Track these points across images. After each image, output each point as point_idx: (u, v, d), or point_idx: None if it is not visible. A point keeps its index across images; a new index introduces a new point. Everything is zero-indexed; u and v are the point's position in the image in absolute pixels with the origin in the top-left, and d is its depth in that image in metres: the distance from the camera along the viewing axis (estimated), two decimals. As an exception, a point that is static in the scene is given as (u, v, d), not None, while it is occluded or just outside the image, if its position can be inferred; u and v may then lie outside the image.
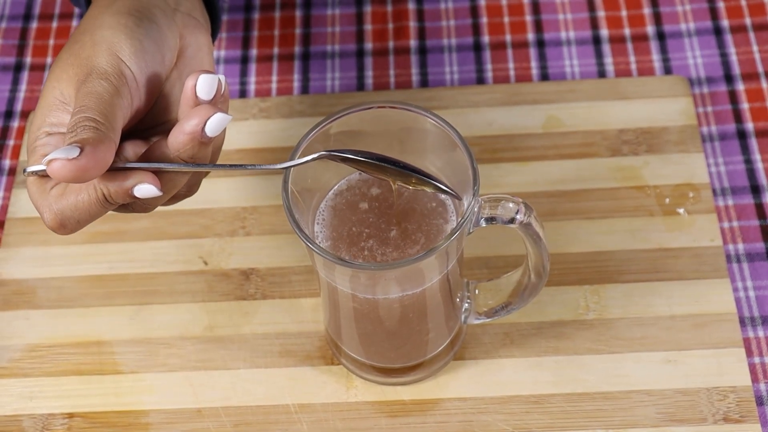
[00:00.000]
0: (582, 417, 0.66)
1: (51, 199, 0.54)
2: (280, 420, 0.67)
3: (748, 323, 0.69)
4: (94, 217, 0.55)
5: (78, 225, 0.55)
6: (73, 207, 0.54)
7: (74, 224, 0.55)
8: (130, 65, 0.55)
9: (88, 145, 0.51)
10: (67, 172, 0.50)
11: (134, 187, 0.53)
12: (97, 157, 0.51)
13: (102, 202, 0.54)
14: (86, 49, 0.55)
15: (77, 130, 0.51)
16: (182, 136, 0.53)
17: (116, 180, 0.53)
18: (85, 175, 0.51)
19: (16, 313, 0.72)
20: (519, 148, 0.76)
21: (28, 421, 0.68)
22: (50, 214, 0.54)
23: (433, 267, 0.58)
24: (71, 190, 0.54)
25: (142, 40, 0.56)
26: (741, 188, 0.75)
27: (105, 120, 0.52)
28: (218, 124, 0.53)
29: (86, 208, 0.54)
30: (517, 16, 0.84)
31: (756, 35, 0.82)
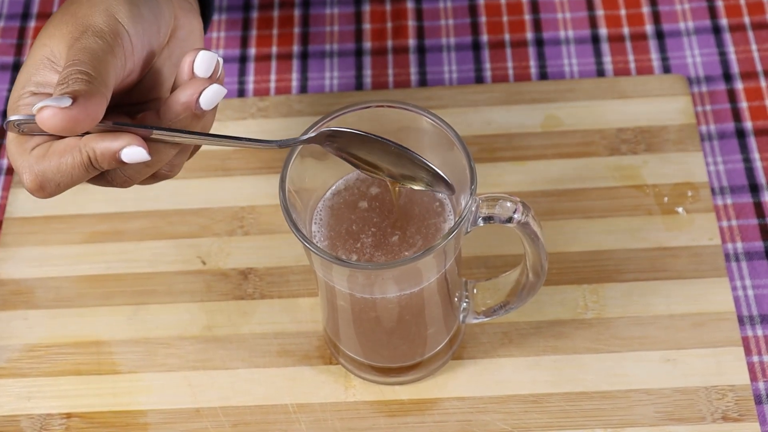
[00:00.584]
0: (581, 416, 0.66)
1: (32, 160, 0.53)
2: (279, 420, 0.67)
3: (747, 322, 0.69)
4: (76, 181, 0.53)
5: (58, 188, 0.53)
6: (56, 169, 0.53)
7: (54, 187, 0.53)
8: (127, 27, 0.54)
9: (80, 96, 0.50)
10: (58, 121, 0.49)
11: (122, 150, 0.52)
12: (89, 110, 0.50)
13: (86, 165, 0.52)
14: (83, 8, 0.55)
15: (69, 82, 0.50)
16: (176, 106, 0.53)
17: (104, 140, 0.52)
18: (76, 126, 0.50)
19: (14, 313, 0.72)
20: (517, 148, 0.76)
21: (26, 422, 0.68)
22: (30, 175, 0.53)
23: (430, 266, 0.58)
24: (54, 151, 0.53)
25: (140, 6, 0.55)
26: (740, 187, 0.74)
27: (98, 75, 0.51)
28: (213, 96, 0.53)
29: (69, 171, 0.52)
30: (516, 15, 0.84)
31: (755, 34, 0.82)
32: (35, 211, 0.75)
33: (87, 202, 0.76)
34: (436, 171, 0.57)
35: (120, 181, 0.55)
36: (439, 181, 0.58)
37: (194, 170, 0.76)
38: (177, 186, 0.75)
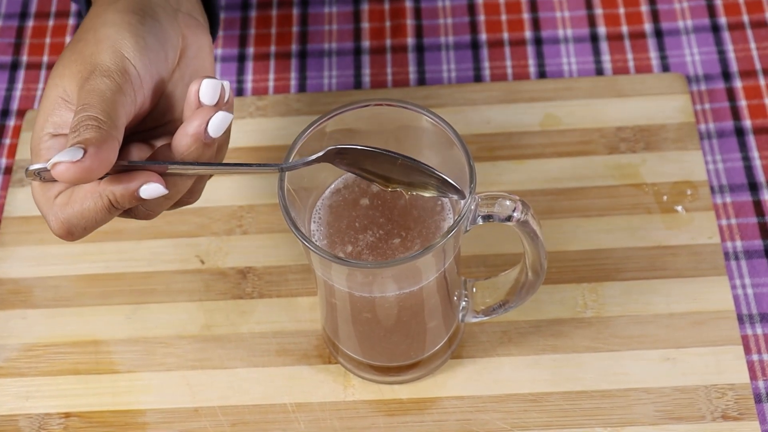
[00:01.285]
0: (580, 415, 0.66)
1: (57, 208, 0.54)
2: (278, 419, 0.66)
3: (746, 321, 0.69)
4: (101, 223, 0.54)
5: (85, 232, 0.55)
6: (79, 215, 0.54)
7: (81, 231, 0.54)
8: (134, 63, 0.55)
9: (91, 146, 0.50)
10: (71, 175, 0.50)
11: (140, 188, 0.53)
12: (101, 157, 0.51)
13: (108, 207, 0.53)
14: (89, 47, 0.55)
15: (80, 130, 0.51)
16: (186, 139, 0.53)
17: (121, 182, 0.53)
18: (90, 175, 0.51)
19: (12, 312, 0.71)
20: (516, 146, 0.76)
21: (25, 421, 0.67)
22: (57, 223, 0.54)
23: (429, 265, 0.58)
24: (76, 198, 0.54)
25: (145, 37, 0.56)
26: (739, 185, 0.74)
27: (108, 118, 0.52)
28: (220, 123, 0.53)
29: (92, 216, 0.54)
30: (515, 13, 0.84)
31: (753, 32, 0.81)
32: (34, 211, 0.75)
33: (85, 201, 0.75)
34: (444, 178, 0.57)
35: (143, 215, 0.56)
36: (449, 187, 0.58)
37: (193, 169, 0.76)
38: (175, 185, 0.75)
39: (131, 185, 0.53)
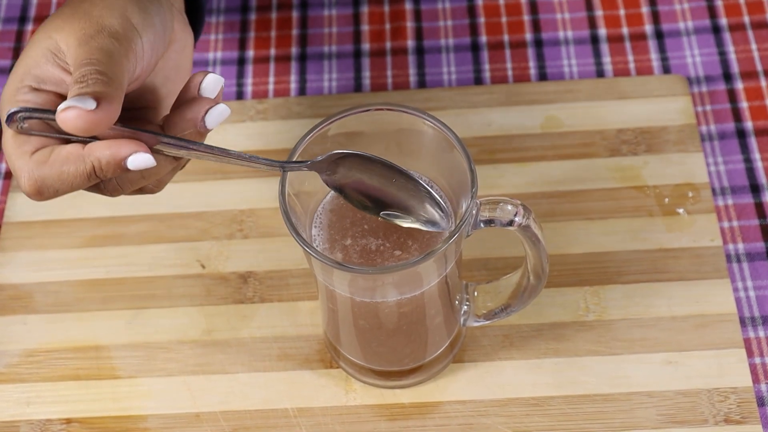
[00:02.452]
0: (582, 419, 0.65)
1: (32, 164, 0.52)
2: (279, 424, 0.66)
3: (749, 323, 0.69)
4: (76, 188, 0.53)
5: (56, 194, 0.53)
6: (56, 177, 0.52)
7: (52, 193, 0.53)
8: (141, 35, 0.54)
9: (103, 99, 0.49)
10: (81, 123, 0.48)
11: (129, 157, 0.51)
12: (110, 113, 0.49)
13: (89, 174, 0.52)
14: (97, 8, 0.53)
15: (88, 82, 0.50)
16: (182, 122, 0.52)
17: (110, 149, 0.51)
18: (96, 129, 0.49)
19: (13, 318, 0.71)
20: (517, 149, 0.76)
21: (26, 427, 0.67)
22: (29, 180, 0.52)
23: (431, 270, 0.58)
24: (56, 159, 0.52)
25: (152, 15, 0.55)
26: (740, 187, 0.74)
27: (114, 77, 0.50)
28: (218, 116, 0.53)
29: (70, 180, 0.52)
30: (515, 15, 0.84)
31: (755, 33, 0.81)
32: (34, 216, 0.75)
33: (86, 206, 0.75)
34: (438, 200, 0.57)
35: (111, 189, 0.55)
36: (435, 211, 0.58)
37: (193, 173, 0.76)
38: (176, 189, 0.75)
39: (120, 152, 0.51)
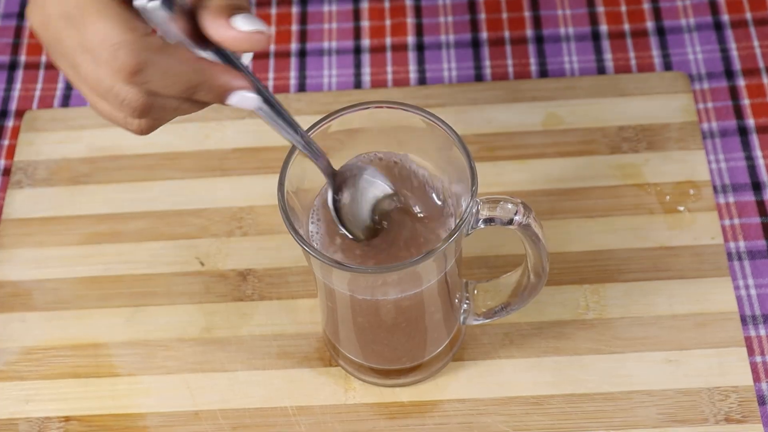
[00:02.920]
0: (582, 418, 0.65)
1: (143, 43, 0.48)
2: (279, 422, 0.66)
3: (750, 322, 0.69)
4: (167, 92, 0.49)
5: (146, 84, 0.49)
6: (164, 69, 0.49)
7: (145, 79, 0.49)
8: None
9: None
10: (259, 43, 0.48)
11: (238, 92, 0.50)
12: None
13: (193, 87, 0.50)
14: None
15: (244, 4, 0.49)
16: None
17: (230, 76, 0.50)
18: (259, 48, 0.49)
19: (11, 315, 0.71)
20: (518, 146, 0.75)
21: (25, 425, 0.67)
22: (131, 55, 0.48)
23: (431, 269, 0.57)
24: (175, 54, 0.49)
25: None
26: (742, 185, 0.74)
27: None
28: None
29: (173, 81, 0.49)
30: (516, 12, 0.83)
31: (756, 30, 0.81)
32: (33, 213, 0.75)
33: (84, 203, 0.75)
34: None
35: (158, 115, 0.52)
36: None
37: (192, 170, 0.76)
38: (175, 186, 0.75)
39: (234, 84, 0.50)
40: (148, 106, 0.50)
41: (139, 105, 0.50)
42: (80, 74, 0.50)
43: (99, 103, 0.51)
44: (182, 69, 0.49)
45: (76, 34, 0.49)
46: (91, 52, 0.49)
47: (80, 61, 0.50)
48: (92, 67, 0.49)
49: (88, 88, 0.51)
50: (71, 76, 0.52)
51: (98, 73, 0.49)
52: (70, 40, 0.50)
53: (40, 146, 0.78)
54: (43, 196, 0.76)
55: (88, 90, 0.51)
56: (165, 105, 0.51)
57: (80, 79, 0.51)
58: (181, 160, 0.76)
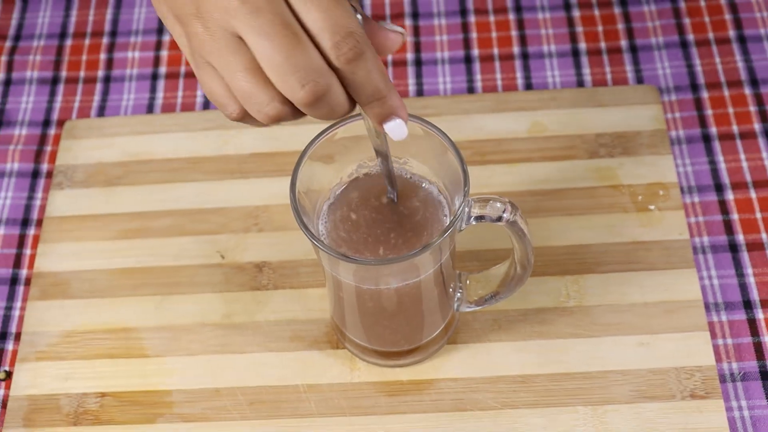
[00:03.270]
0: (564, 395, 0.64)
1: (360, 26, 0.45)
2: (291, 399, 0.65)
3: (713, 309, 0.68)
4: (360, 85, 0.46)
5: (355, 63, 0.45)
6: (369, 67, 0.45)
7: (358, 53, 0.44)
8: None
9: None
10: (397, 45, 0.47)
11: (394, 120, 0.48)
12: None
13: (371, 96, 0.46)
14: None
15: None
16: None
17: (401, 104, 0.47)
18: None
19: (52, 302, 0.70)
20: (506, 151, 0.75)
21: (65, 400, 0.66)
22: (356, 38, 0.44)
23: (427, 261, 0.56)
24: (376, 57, 0.46)
25: None
26: (706, 187, 0.73)
27: None
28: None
29: (365, 80, 0.45)
30: (504, 31, 0.82)
31: (718, 48, 0.80)
32: (71, 211, 0.74)
33: (118, 202, 0.74)
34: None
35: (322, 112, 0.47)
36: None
37: (214, 173, 0.75)
38: (198, 188, 0.74)
39: (401, 113, 0.48)
40: (322, 94, 0.45)
41: (319, 89, 0.45)
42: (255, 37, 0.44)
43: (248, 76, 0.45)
44: (381, 73, 0.47)
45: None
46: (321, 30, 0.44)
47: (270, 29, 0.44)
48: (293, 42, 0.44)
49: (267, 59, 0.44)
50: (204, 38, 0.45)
51: (304, 50, 0.44)
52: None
53: (78, 152, 0.77)
54: (80, 197, 0.75)
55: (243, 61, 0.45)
56: (334, 100, 0.46)
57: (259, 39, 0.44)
58: (203, 164, 0.75)
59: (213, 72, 0.47)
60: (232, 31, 0.45)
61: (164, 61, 0.82)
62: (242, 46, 0.45)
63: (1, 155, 0.78)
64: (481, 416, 0.64)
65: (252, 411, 0.65)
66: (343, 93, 0.47)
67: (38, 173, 0.77)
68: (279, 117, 0.47)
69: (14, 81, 0.82)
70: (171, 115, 0.78)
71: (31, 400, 0.66)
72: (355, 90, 0.47)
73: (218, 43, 0.45)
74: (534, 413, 0.64)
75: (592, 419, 0.63)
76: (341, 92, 0.46)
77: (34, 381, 0.67)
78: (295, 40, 0.44)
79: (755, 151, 0.74)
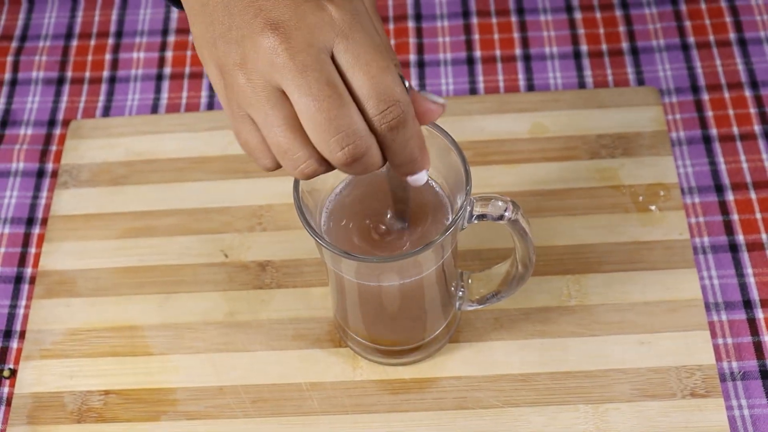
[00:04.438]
0: (565, 393, 0.64)
1: (407, 96, 0.47)
2: (294, 397, 0.65)
3: (713, 308, 0.68)
4: (398, 152, 0.47)
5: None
6: (410, 133, 0.46)
7: (397, 115, 0.45)
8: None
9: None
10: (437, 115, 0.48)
11: (420, 173, 0.49)
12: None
13: (408, 162, 0.47)
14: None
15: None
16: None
17: (426, 157, 0.48)
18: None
19: (57, 300, 0.70)
20: (508, 152, 0.75)
21: (69, 397, 0.66)
22: (400, 109, 0.45)
23: (429, 259, 0.57)
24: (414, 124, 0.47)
25: None
26: (706, 187, 0.73)
27: None
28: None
29: (402, 146, 0.46)
30: (506, 33, 0.83)
31: (719, 50, 0.80)
32: (77, 210, 0.74)
33: (122, 201, 0.74)
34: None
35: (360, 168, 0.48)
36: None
37: (218, 173, 0.75)
38: (202, 187, 0.74)
39: (426, 165, 0.49)
40: (360, 156, 0.46)
41: (358, 153, 0.46)
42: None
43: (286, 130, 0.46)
44: (419, 141, 0.48)
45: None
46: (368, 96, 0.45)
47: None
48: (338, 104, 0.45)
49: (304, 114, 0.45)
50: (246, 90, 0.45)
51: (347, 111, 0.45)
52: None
53: (84, 151, 0.77)
54: (86, 196, 0.75)
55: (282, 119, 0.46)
56: (370, 161, 0.47)
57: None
58: (208, 164, 0.75)
59: (250, 123, 0.47)
60: (276, 86, 0.45)
61: (169, 62, 0.83)
62: (283, 101, 0.45)
63: (7, 155, 0.78)
64: (483, 414, 0.64)
65: (255, 409, 0.65)
66: (379, 154, 0.47)
67: (43, 173, 0.77)
68: (313, 174, 0.48)
69: (20, 81, 0.82)
70: (175, 116, 0.78)
71: (36, 397, 0.66)
72: (391, 153, 0.48)
73: (259, 95, 0.45)
74: (535, 411, 0.64)
75: (593, 418, 0.63)
76: (378, 154, 0.47)
77: (38, 379, 0.67)
78: (339, 102, 0.44)
79: (755, 152, 0.75)
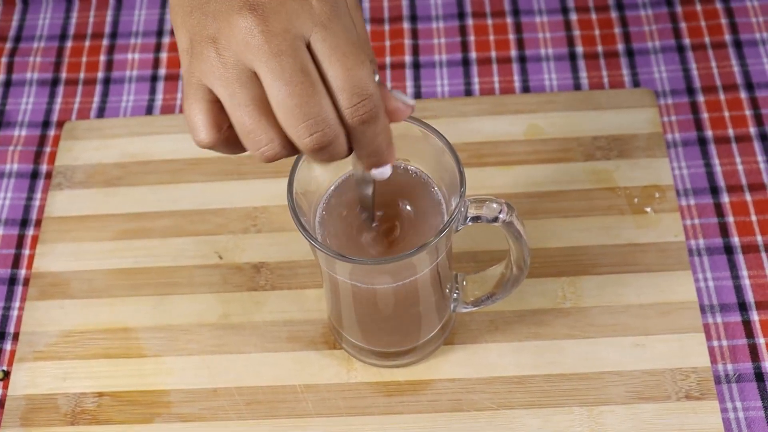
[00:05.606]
0: (560, 395, 0.64)
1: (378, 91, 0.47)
2: (288, 399, 0.65)
3: (708, 310, 0.68)
4: (367, 137, 0.47)
5: (370, 116, 0.46)
6: (382, 126, 0.47)
7: (372, 109, 0.46)
8: None
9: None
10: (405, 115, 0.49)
11: (384, 167, 0.49)
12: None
13: (378, 151, 0.48)
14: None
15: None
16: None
17: (392, 150, 0.49)
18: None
19: (51, 302, 0.70)
20: (503, 154, 0.74)
21: (62, 399, 0.66)
22: (375, 101, 0.46)
23: (424, 261, 0.56)
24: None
25: None
26: (701, 189, 0.73)
27: None
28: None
29: (373, 138, 0.47)
30: (501, 34, 0.82)
31: (714, 52, 0.80)
32: (71, 212, 0.74)
33: (117, 203, 0.74)
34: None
35: (325, 156, 0.48)
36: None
37: (212, 174, 0.75)
38: (197, 189, 0.74)
39: (392, 158, 0.49)
40: (327, 144, 0.46)
41: (325, 140, 0.46)
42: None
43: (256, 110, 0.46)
44: (387, 135, 0.48)
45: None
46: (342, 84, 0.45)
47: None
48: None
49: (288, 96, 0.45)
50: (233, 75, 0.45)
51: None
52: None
53: (78, 153, 0.77)
54: (80, 197, 0.75)
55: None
56: (336, 149, 0.47)
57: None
58: (202, 166, 0.75)
59: (202, 95, 0.47)
60: (248, 65, 0.45)
61: (164, 63, 0.82)
62: (253, 81, 0.46)
63: (1, 156, 0.78)
64: (478, 417, 0.64)
65: (249, 411, 0.65)
66: (345, 144, 0.48)
67: (38, 174, 0.77)
68: (274, 158, 0.48)
69: (14, 82, 0.82)
70: (170, 117, 0.78)
71: (29, 399, 0.66)
72: (358, 145, 0.48)
73: (229, 72, 0.45)
74: (530, 414, 0.64)
75: (588, 420, 0.63)
76: (344, 143, 0.48)
77: (32, 381, 0.67)
78: (312, 89, 0.45)
79: (750, 154, 0.74)
